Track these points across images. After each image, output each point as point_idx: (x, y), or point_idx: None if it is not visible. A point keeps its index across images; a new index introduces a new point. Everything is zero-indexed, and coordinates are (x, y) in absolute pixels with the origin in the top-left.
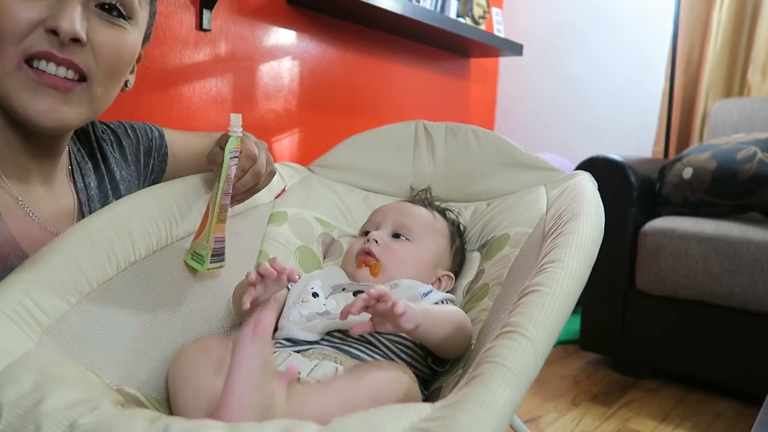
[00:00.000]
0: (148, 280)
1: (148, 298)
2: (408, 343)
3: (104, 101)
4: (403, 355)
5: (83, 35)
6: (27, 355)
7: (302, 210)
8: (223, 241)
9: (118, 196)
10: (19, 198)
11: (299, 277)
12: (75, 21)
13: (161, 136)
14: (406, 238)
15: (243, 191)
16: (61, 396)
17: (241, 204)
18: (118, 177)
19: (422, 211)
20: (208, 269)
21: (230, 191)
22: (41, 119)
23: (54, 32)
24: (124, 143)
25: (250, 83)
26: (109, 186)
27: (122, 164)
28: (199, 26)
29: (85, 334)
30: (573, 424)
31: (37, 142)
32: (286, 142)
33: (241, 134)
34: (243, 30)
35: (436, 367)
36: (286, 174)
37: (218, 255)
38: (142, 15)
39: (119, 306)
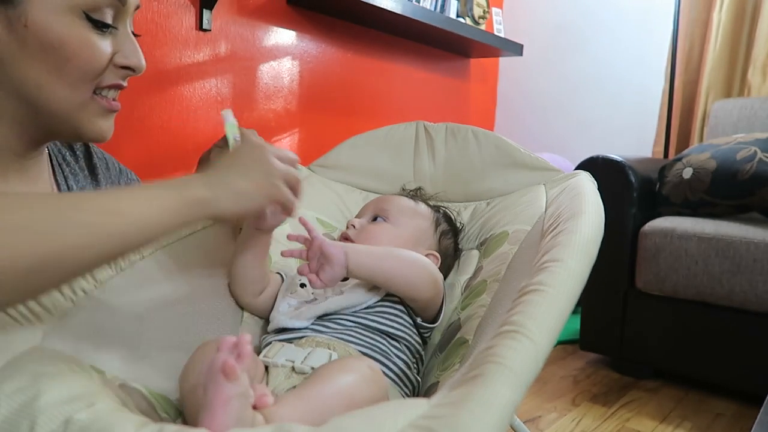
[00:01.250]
0: (150, 278)
1: (151, 296)
2: (394, 311)
3: None
4: (396, 324)
5: None
6: (29, 351)
7: (303, 210)
8: None
9: None
10: None
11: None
12: (142, 57)
13: (138, 182)
14: (384, 220)
15: None
16: (58, 391)
17: None
18: (103, 186)
19: (404, 199)
20: None
21: None
22: (105, 137)
23: (127, 68)
24: (110, 166)
25: (250, 83)
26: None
27: (109, 182)
28: (199, 26)
29: (88, 331)
30: (573, 424)
31: (27, 144)
32: (286, 142)
33: (236, 121)
34: (243, 30)
35: (427, 324)
36: None
37: None
38: None
39: (122, 303)
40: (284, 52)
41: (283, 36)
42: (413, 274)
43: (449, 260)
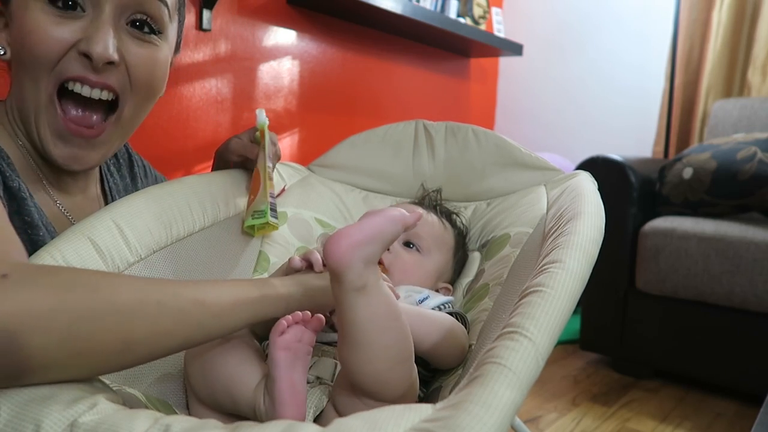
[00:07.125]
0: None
1: None
2: None
3: (135, 122)
4: None
5: (116, 57)
6: None
7: (302, 210)
8: (274, 197)
9: None
10: (62, 207)
11: None
12: (108, 45)
13: None
14: (417, 250)
15: (274, 166)
16: (61, 394)
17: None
18: None
19: (434, 221)
20: (269, 222)
21: (272, 156)
22: (66, 163)
23: (87, 56)
24: (147, 173)
25: (250, 83)
26: None
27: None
28: (199, 26)
29: None
30: (573, 424)
31: None
32: (286, 142)
33: (267, 121)
34: (243, 30)
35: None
36: (286, 174)
37: (274, 210)
38: (172, 27)
39: None
40: (284, 52)
41: (283, 36)
42: (448, 350)
43: (455, 279)
